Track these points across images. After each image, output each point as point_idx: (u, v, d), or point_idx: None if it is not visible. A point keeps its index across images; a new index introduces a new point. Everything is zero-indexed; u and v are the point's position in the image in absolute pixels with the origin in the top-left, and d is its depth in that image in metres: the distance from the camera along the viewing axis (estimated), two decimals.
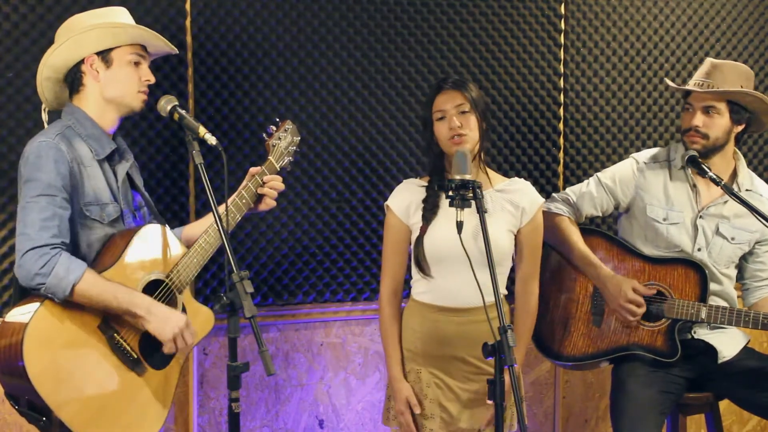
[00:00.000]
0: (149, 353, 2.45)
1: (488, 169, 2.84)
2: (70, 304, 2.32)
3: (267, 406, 3.45)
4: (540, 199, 2.86)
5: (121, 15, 2.54)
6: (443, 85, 2.77)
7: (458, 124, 2.70)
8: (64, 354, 2.29)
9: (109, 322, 2.38)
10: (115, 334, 2.38)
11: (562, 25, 3.67)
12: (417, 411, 2.78)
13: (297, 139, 2.83)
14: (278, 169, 2.75)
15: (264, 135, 2.76)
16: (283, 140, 2.77)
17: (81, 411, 2.29)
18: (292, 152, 2.81)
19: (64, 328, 2.31)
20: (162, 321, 2.39)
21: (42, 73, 2.50)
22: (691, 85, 3.03)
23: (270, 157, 2.73)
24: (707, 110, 2.97)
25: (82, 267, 2.31)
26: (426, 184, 2.84)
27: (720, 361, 3.02)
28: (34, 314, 2.26)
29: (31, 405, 2.29)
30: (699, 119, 2.97)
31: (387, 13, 3.44)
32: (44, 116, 2.60)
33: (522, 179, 2.91)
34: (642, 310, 2.95)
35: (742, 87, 2.94)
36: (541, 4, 3.62)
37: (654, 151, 3.17)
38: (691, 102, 3.02)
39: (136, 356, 2.42)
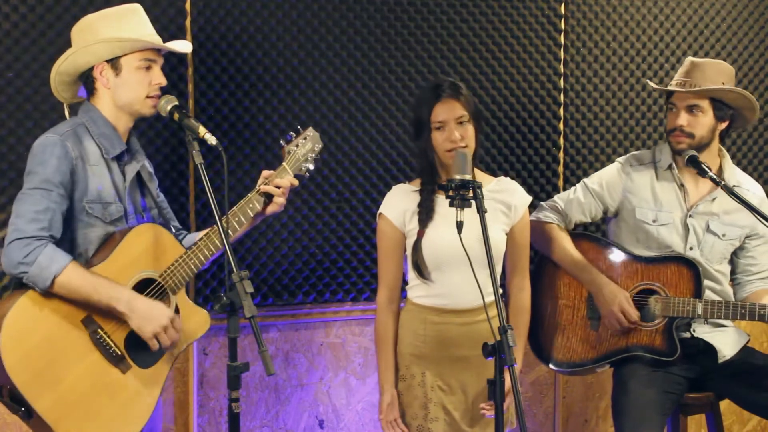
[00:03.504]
0: (136, 351, 2.44)
1: (477, 171, 2.83)
2: (53, 297, 2.34)
3: (267, 406, 3.45)
4: (528, 198, 2.88)
5: (132, 16, 2.54)
6: (441, 94, 2.73)
7: (458, 137, 2.69)
8: (42, 346, 2.30)
9: (93, 317, 2.38)
10: (99, 330, 2.38)
11: (562, 25, 3.67)
12: (396, 416, 2.77)
13: (318, 146, 2.79)
14: (291, 175, 2.71)
15: (281, 141, 2.74)
16: (302, 147, 2.73)
17: (57, 404, 2.30)
18: (312, 160, 2.77)
19: (44, 321, 2.32)
20: (142, 318, 2.38)
21: (55, 80, 2.54)
22: (672, 85, 3.03)
23: (284, 163, 2.70)
24: (691, 109, 2.97)
25: (66, 259, 2.33)
26: (418, 188, 2.83)
27: (720, 361, 3.02)
28: (14, 305, 2.28)
29: (11, 395, 2.31)
30: (683, 119, 2.98)
31: (387, 13, 3.44)
32: (66, 113, 2.64)
33: (508, 178, 2.92)
34: (629, 326, 2.96)
35: (723, 84, 2.95)
36: (541, 4, 3.63)
37: (639, 153, 3.18)
38: (674, 102, 3.02)
39: (119, 353, 2.41)
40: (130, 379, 2.43)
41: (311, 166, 2.78)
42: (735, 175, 3.09)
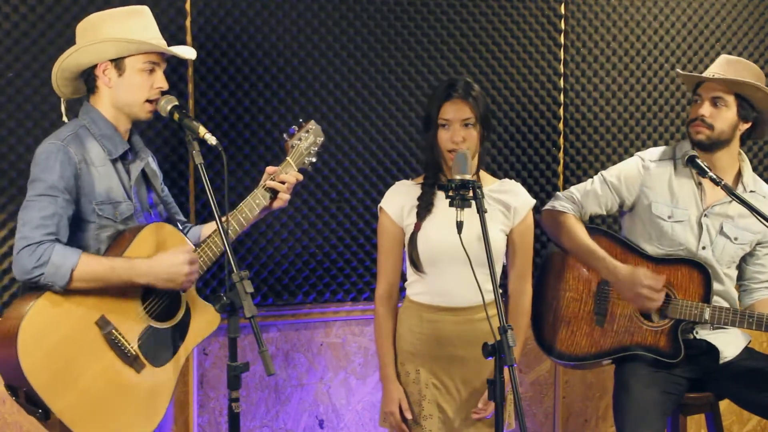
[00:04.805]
0: (149, 350, 2.46)
1: (484, 173, 2.85)
2: (67, 299, 2.34)
3: (267, 406, 3.45)
4: (531, 200, 2.87)
5: (139, 18, 2.54)
6: (452, 93, 2.74)
7: (460, 138, 2.71)
8: (59, 348, 2.31)
9: (108, 317, 2.39)
10: (113, 330, 2.39)
11: (562, 25, 3.67)
12: (408, 416, 2.78)
13: (320, 139, 2.82)
14: (296, 169, 2.73)
15: (285, 135, 2.76)
16: (305, 141, 2.76)
17: (75, 405, 2.31)
18: (314, 153, 2.80)
19: (60, 323, 2.33)
20: (166, 280, 2.42)
21: (57, 74, 2.53)
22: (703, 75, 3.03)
23: (288, 158, 2.72)
24: (715, 101, 2.96)
25: (77, 252, 2.35)
26: (420, 182, 2.85)
27: (721, 362, 3.02)
28: (30, 309, 2.29)
29: (28, 397, 2.32)
30: (706, 109, 2.96)
31: (387, 13, 3.44)
32: (63, 108, 2.63)
33: (512, 180, 2.92)
34: (662, 295, 2.93)
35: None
36: (541, 4, 3.63)
37: (659, 149, 3.17)
38: (700, 93, 3.01)
39: (134, 352, 2.43)
40: (145, 378, 2.45)
41: (314, 159, 2.80)
42: (753, 181, 3.08)
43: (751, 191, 3.03)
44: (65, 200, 2.39)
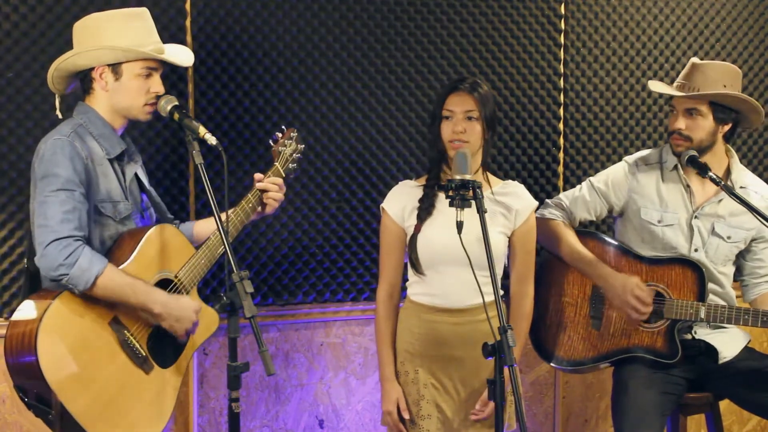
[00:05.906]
0: (156, 352, 2.48)
1: (488, 174, 2.85)
2: (83, 299, 2.35)
3: (267, 406, 3.45)
4: (534, 202, 2.87)
5: (138, 21, 2.54)
6: (458, 86, 2.77)
7: (462, 129, 2.72)
8: (76, 349, 2.31)
9: (120, 319, 2.40)
10: (126, 332, 2.40)
11: (562, 25, 3.67)
12: (406, 416, 2.79)
13: (301, 147, 2.89)
14: (284, 175, 2.80)
15: (270, 141, 2.82)
16: (288, 147, 2.83)
17: (90, 405, 2.31)
18: (296, 160, 2.86)
19: (76, 323, 2.33)
20: (175, 319, 2.44)
21: (53, 74, 2.53)
22: (673, 88, 3.02)
23: (276, 163, 2.79)
24: (690, 112, 2.96)
25: (104, 260, 2.36)
26: (423, 183, 2.85)
27: (721, 362, 3.02)
28: (48, 308, 2.28)
29: (39, 398, 2.31)
30: (681, 122, 2.96)
31: (387, 13, 3.44)
32: (57, 103, 2.64)
33: (515, 182, 2.91)
34: (649, 309, 2.93)
35: (725, 87, 2.92)
36: (541, 4, 3.63)
37: (645, 153, 3.17)
38: (673, 104, 3.02)
39: (144, 354, 2.44)
40: (153, 380, 2.46)
41: (295, 165, 2.87)
42: (743, 177, 3.07)
43: (741, 187, 3.02)
44: (81, 194, 2.38)
